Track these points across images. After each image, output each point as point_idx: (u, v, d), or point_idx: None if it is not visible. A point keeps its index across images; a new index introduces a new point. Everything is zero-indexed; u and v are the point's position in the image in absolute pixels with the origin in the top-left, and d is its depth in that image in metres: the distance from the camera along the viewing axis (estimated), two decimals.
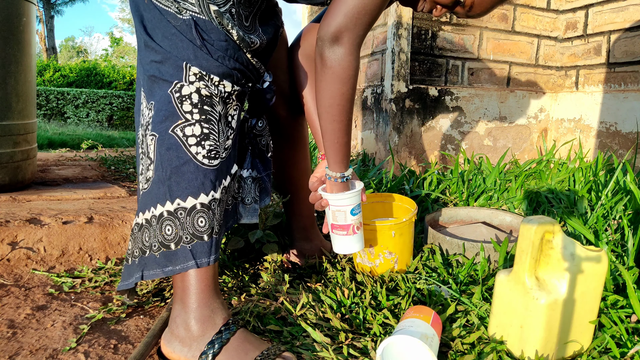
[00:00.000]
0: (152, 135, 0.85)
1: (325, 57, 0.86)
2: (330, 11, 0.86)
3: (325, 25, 0.85)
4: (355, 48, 0.86)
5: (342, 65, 0.85)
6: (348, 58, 0.85)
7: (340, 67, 0.85)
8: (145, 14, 0.85)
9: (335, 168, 0.96)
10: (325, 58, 0.86)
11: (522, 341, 0.83)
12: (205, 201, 0.84)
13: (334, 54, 0.85)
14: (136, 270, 0.86)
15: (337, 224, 1.01)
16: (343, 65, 0.85)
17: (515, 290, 0.83)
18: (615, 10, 2.30)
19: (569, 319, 0.82)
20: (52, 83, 11.10)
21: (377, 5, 0.85)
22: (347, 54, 0.85)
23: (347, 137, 0.93)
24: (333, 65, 0.85)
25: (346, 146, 0.94)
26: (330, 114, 0.90)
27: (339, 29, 0.84)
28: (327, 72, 0.87)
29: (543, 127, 2.65)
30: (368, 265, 1.16)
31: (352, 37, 0.85)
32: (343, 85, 0.87)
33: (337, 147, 0.94)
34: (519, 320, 0.83)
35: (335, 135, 0.92)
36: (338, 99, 0.88)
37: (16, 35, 1.59)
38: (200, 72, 0.82)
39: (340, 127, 0.91)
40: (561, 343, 0.82)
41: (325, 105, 0.90)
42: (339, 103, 0.89)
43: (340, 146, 0.94)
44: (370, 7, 0.84)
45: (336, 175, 0.97)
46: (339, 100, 0.88)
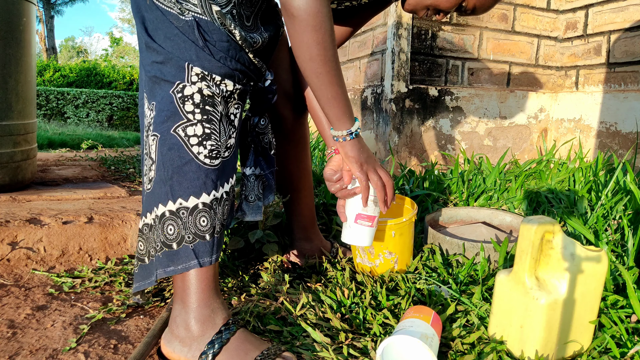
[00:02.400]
0: (153, 136, 0.85)
1: (289, 5, 0.79)
2: None
3: None
4: None
5: (310, 11, 0.78)
6: (315, 2, 0.78)
7: (308, 14, 0.78)
8: (147, 14, 0.85)
9: (340, 125, 0.89)
10: (290, 6, 0.79)
11: (522, 341, 0.83)
12: (207, 200, 0.84)
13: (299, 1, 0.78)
14: (154, 270, 0.86)
15: (365, 214, 0.96)
16: (311, 12, 0.78)
17: (515, 290, 0.83)
18: (615, 10, 2.30)
19: (569, 319, 0.82)
20: (52, 83, 11.10)
21: None
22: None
23: (340, 89, 0.86)
24: (300, 14, 0.79)
25: (342, 98, 0.87)
26: (313, 68, 0.83)
27: None
28: (296, 22, 0.80)
29: (543, 127, 2.65)
30: (368, 265, 1.16)
31: None
32: (317, 33, 0.80)
33: (333, 102, 0.87)
34: (519, 320, 0.83)
35: (326, 89, 0.86)
36: (315, 50, 0.81)
37: (16, 35, 1.59)
38: (202, 72, 0.82)
39: (328, 78, 0.84)
40: (561, 343, 0.82)
41: (305, 59, 0.83)
42: (317, 53, 0.82)
43: (335, 100, 0.87)
44: None
45: (343, 133, 0.90)
46: (317, 50, 0.81)
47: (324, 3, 0.79)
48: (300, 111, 1.21)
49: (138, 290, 0.91)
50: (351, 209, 0.99)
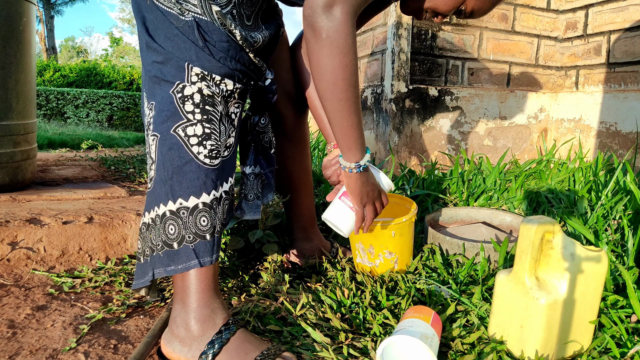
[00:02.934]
0: (153, 136, 0.85)
1: (319, 26, 0.76)
2: None
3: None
4: (351, 16, 0.77)
5: (341, 33, 0.76)
6: (345, 25, 0.76)
7: (339, 37, 0.76)
8: (148, 15, 0.85)
9: (350, 156, 0.87)
10: (320, 28, 0.76)
11: (522, 341, 0.83)
12: (207, 200, 0.84)
13: (330, 22, 0.76)
14: (149, 269, 0.87)
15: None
16: (342, 34, 0.76)
17: (515, 290, 0.83)
18: (615, 10, 2.30)
19: (569, 319, 0.82)
20: (52, 83, 11.10)
21: None
22: (344, 21, 0.76)
23: (357, 117, 0.84)
24: (330, 35, 0.76)
25: (357, 128, 0.85)
26: (335, 92, 0.81)
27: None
28: (324, 43, 0.77)
29: (543, 127, 2.65)
30: (368, 266, 1.16)
31: (348, 3, 0.77)
32: (345, 56, 0.78)
33: (348, 131, 0.85)
34: (519, 320, 0.83)
35: (343, 116, 0.83)
36: (341, 73, 0.79)
37: (16, 35, 1.59)
38: (202, 72, 0.82)
39: (348, 105, 0.82)
40: (561, 343, 0.82)
41: (328, 82, 0.80)
42: (343, 77, 0.79)
43: (351, 129, 0.84)
44: None
45: (350, 165, 0.88)
46: (343, 74, 0.79)
47: (354, 28, 0.78)
48: (301, 111, 1.21)
49: (135, 288, 0.91)
50: (340, 190, 1.00)
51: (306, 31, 0.80)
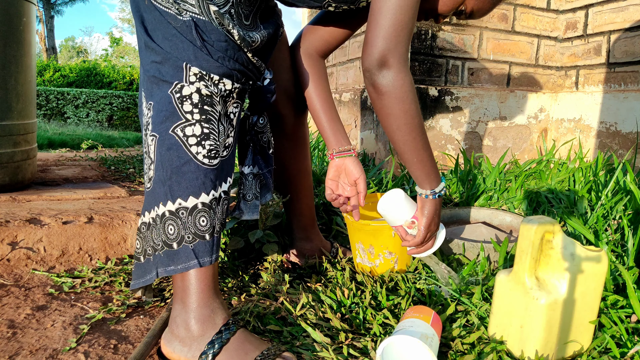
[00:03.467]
0: (152, 136, 0.85)
1: (378, 84, 0.86)
2: (367, 40, 0.86)
3: (368, 55, 0.85)
4: (403, 65, 0.86)
5: (396, 85, 0.85)
6: (399, 76, 0.85)
7: (396, 89, 0.85)
8: (146, 15, 0.85)
9: (425, 186, 0.96)
10: (379, 86, 0.86)
11: (522, 341, 0.83)
12: (207, 200, 0.84)
13: (385, 79, 0.85)
14: (152, 268, 0.86)
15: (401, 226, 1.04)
16: (397, 86, 0.85)
17: (515, 290, 0.83)
18: (615, 10, 2.30)
19: (569, 319, 0.82)
20: (52, 83, 11.10)
21: (411, 17, 0.84)
22: (397, 73, 0.85)
23: (425, 152, 0.92)
24: (388, 90, 0.85)
25: (427, 161, 0.94)
26: (400, 136, 0.90)
27: (382, 53, 0.84)
28: (384, 98, 0.86)
29: (543, 127, 2.65)
30: (368, 266, 1.16)
31: (397, 56, 0.84)
32: (403, 103, 0.86)
33: (419, 166, 0.93)
34: (519, 320, 0.83)
35: (412, 154, 0.92)
36: (403, 119, 0.88)
37: (16, 35, 1.59)
38: (200, 72, 0.82)
39: (415, 145, 0.91)
40: (561, 343, 0.82)
41: (394, 129, 0.89)
42: (405, 122, 0.88)
43: (421, 164, 0.93)
44: (405, 21, 0.83)
45: (426, 192, 0.97)
46: (404, 120, 0.88)
47: (408, 74, 0.86)
48: (300, 111, 1.21)
49: (134, 288, 0.90)
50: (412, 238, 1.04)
51: (367, 86, 0.89)
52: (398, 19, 0.82)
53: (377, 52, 0.84)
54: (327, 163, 2.30)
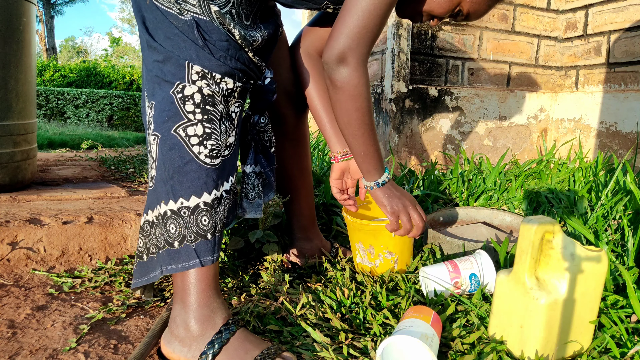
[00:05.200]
0: (154, 135, 0.85)
1: (334, 79, 0.89)
2: (332, 34, 0.88)
3: (329, 48, 0.88)
4: (360, 65, 0.88)
5: (351, 83, 0.88)
6: (355, 75, 0.88)
7: (350, 86, 0.89)
8: (147, 14, 0.86)
9: (369, 177, 1.01)
10: (334, 80, 0.89)
11: (522, 341, 0.83)
12: (209, 200, 0.84)
13: (341, 74, 0.88)
14: (157, 266, 0.87)
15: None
16: (352, 84, 0.88)
17: (515, 290, 0.83)
18: (615, 10, 2.30)
19: (569, 319, 0.82)
20: (52, 83, 11.10)
21: (378, 23, 0.86)
22: (353, 72, 0.88)
23: (372, 147, 0.97)
24: (342, 85, 0.89)
25: (373, 155, 0.98)
26: (350, 130, 0.94)
27: (342, 50, 0.86)
28: (338, 92, 0.90)
29: (543, 127, 2.65)
30: (368, 266, 1.16)
31: (356, 56, 0.87)
32: (355, 101, 0.90)
33: (365, 158, 0.98)
34: (519, 320, 0.83)
35: (360, 147, 0.96)
36: (354, 115, 0.92)
37: (16, 35, 1.59)
38: (202, 70, 0.83)
39: (362, 140, 0.95)
40: (561, 343, 0.82)
41: (344, 122, 0.94)
42: (355, 118, 0.92)
43: (367, 156, 0.98)
44: (371, 26, 0.86)
45: (371, 184, 1.01)
46: (355, 116, 0.92)
47: (364, 75, 0.89)
48: (301, 110, 1.21)
49: (135, 287, 0.91)
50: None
51: (325, 78, 0.93)
52: (364, 22, 0.85)
53: (338, 47, 0.86)
54: (327, 163, 2.30)
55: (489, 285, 1.04)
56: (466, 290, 1.03)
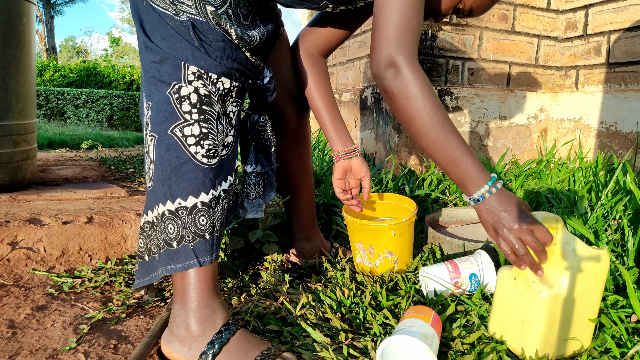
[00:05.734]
0: (151, 136, 0.85)
1: (389, 89, 0.81)
2: (373, 45, 0.82)
3: (374, 60, 0.82)
4: (412, 63, 0.80)
5: (406, 85, 0.79)
6: (409, 74, 0.79)
7: (406, 88, 0.80)
8: (144, 16, 0.86)
9: (463, 190, 0.83)
10: (390, 89, 0.81)
11: (522, 336, 0.83)
12: (206, 200, 0.84)
13: (395, 81, 0.80)
14: (158, 266, 0.87)
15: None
16: (407, 85, 0.79)
17: (518, 284, 0.84)
18: (615, 10, 2.30)
19: (570, 316, 0.82)
20: (52, 83, 11.09)
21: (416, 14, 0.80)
22: (407, 71, 0.79)
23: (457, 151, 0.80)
24: (401, 91, 0.80)
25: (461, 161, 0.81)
26: (424, 136, 0.81)
27: (389, 54, 0.80)
28: (397, 99, 0.81)
29: (543, 127, 2.65)
30: (368, 266, 1.16)
31: (404, 55, 0.79)
32: (416, 101, 0.80)
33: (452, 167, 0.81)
34: (520, 314, 0.83)
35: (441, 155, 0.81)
36: (420, 118, 0.80)
37: (16, 35, 1.59)
38: (198, 70, 0.83)
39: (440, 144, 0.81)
40: (561, 340, 0.82)
41: (414, 130, 0.82)
42: (423, 122, 0.80)
43: (452, 165, 0.81)
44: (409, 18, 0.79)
45: (475, 197, 0.81)
46: (422, 119, 0.80)
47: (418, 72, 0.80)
48: (302, 109, 1.21)
49: (137, 287, 0.91)
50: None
51: (381, 92, 0.84)
52: (402, 16, 0.79)
53: (382, 54, 0.80)
54: (328, 162, 2.30)
55: (489, 285, 1.04)
56: (466, 290, 1.03)
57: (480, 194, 0.81)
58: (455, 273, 1.04)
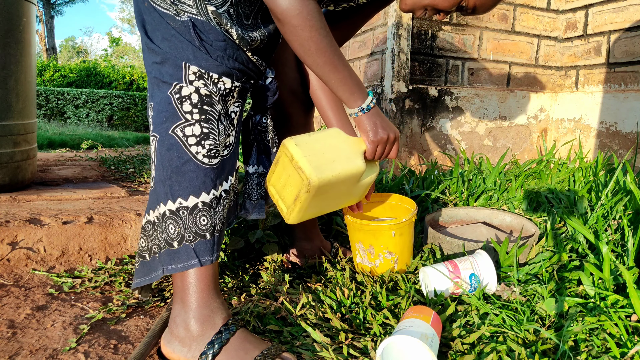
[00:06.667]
0: (153, 136, 0.86)
1: (274, 11, 0.82)
2: None
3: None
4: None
5: (294, 12, 0.80)
6: (296, 4, 0.80)
7: (291, 16, 0.81)
8: (146, 17, 0.86)
9: (351, 103, 0.92)
10: (275, 12, 0.82)
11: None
12: (207, 200, 0.84)
13: (280, 5, 0.80)
14: (158, 266, 0.87)
15: None
16: (293, 13, 0.80)
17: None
18: (615, 10, 2.30)
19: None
20: (52, 83, 11.09)
21: None
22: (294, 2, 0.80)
23: (342, 71, 0.88)
24: (285, 17, 0.81)
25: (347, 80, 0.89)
26: (312, 61, 0.86)
27: None
28: (283, 26, 0.82)
29: (543, 127, 2.65)
30: (368, 266, 1.16)
31: None
32: (304, 30, 0.82)
33: (341, 84, 0.90)
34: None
35: (330, 75, 0.88)
36: (308, 44, 0.84)
37: (16, 35, 1.59)
38: (199, 70, 0.83)
39: (330, 67, 0.87)
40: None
41: (303, 55, 0.86)
42: (310, 47, 0.84)
43: (341, 82, 0.89)
44: None
45: (355, 110, 0.93)
46: (310, 44, 0.84)
47: (305, 3, 0.80)
48: (307, 109, 1.21)
49: (137, 287, 0.91)
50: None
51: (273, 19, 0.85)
52: None
53: None
54: None
55: (489, 285, 1.04)
56: (466, 290, 1.03)
57: (367, 104, 0.93)
58: (455, 273, 1.04)
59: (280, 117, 1.18)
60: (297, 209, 0.90)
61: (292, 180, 0.89)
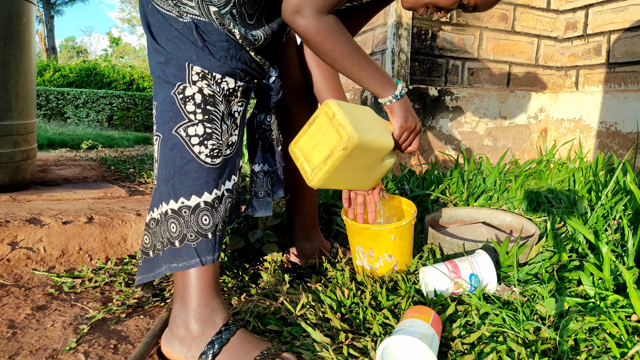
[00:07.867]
0: (156, 136, 0.87)
1: (297, 30, 0.88)
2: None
3: (285, 4, 0.86)
4: (316, 16, 0.86)
5: (311, 30, 0.86)
6: (312, 23, 0.86)
7: (311, 33, 0.87)
8: (150, 18, 0.88)
9: (383, 93, 0.98)
10: (297, 31, 0.89)
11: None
12: (209, 199, 0.85)
13: (299, 25, 0.86)
14: (162, 263, 0.87)
15: None
16: (312, 31, 0.86)
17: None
18: (615, 10, 2.30)
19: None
20: (52, 83, 11.09)
21: None
22: (310, 21, 0.86)
23: (370, 67, 0.94)
24: (305, 35, 0.87)
25: (376, 74, 0.96)
26: (340, 66, 0.93)
27: (297, 3, 0.85)
28: (307, 42, 0.89)
29: (543, 127, 2.65)
30: (368, 268, 1.16)
31: (311, 8, 0.85)
32: (325, 43, 0.88)
33: (369, 79, 0.95)
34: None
35: (359, 74, 0.94)
36: (332, 54, 0.90)
37: (16, 36, 1.59)
38: (202, 71, 0.83)
39: (357, 68, 0.93)
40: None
41: (330, 63, 0.93)
42: (334, 56, 0.91)
43: (371, 77, 0.95)
44: None
45: (389, 98, 0.99)
46: (334, 54, 0.90)
47: (321, 22, 0.87)
48: (311, 107, 1.21)
49: (140, 283, 0.91)
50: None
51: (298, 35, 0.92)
52: None
53: (291, 3, 0.85)
54: None
55: (489, 285, 1.04)
56: (466, 290, 1.03)
57: (399, 91, 0.99)
58: (455, 273, 1.04)
59: (284, 115, 1.18)
60: (325, 169, 0.90)
61: (326, 139, 0.90)
